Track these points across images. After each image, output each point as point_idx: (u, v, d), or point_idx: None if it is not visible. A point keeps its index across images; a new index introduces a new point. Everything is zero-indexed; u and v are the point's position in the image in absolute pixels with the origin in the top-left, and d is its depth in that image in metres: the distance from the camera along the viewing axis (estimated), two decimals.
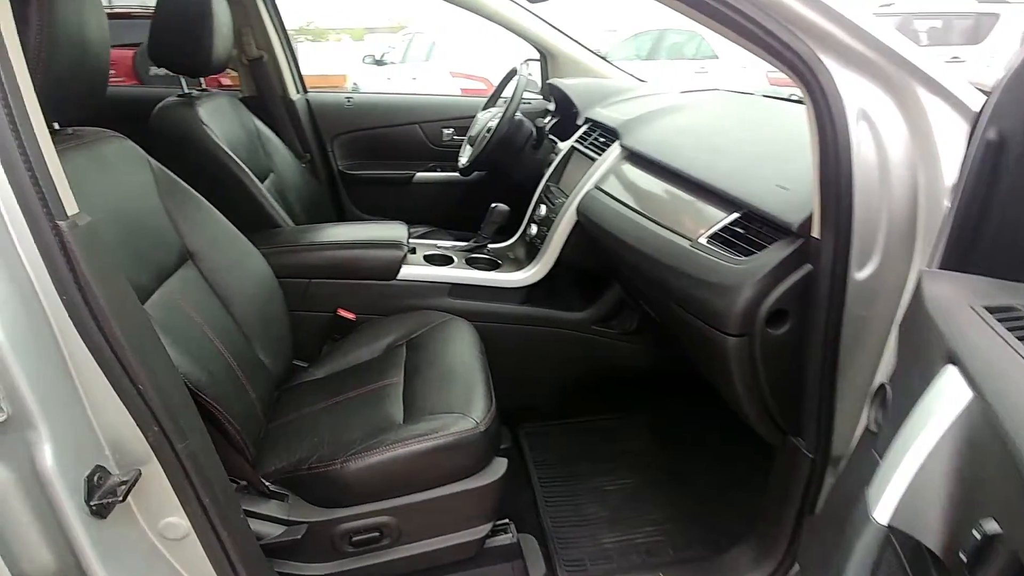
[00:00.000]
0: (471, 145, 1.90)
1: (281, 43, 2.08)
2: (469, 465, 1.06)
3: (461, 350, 1.30)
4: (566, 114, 2.03)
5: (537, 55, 2.27)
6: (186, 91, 1.60)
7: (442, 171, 2.29)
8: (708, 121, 1.38)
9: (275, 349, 1.30)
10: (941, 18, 6.93)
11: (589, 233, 1.44)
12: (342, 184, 2.26)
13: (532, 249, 1.60)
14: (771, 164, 1.05)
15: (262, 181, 1.71)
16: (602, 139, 1.52)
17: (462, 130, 2.26)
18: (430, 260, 1.57)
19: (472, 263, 1.60)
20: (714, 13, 0.76)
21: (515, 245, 1.71)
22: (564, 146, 1.74)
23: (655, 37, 7.12)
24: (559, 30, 2.13)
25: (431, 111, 2.26)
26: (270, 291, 1.34)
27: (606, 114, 1.58)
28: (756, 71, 5.95)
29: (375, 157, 2.28)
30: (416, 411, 1.11)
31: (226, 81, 2.98)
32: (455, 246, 1.67)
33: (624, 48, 7.36)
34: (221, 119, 1.62)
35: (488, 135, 1.80)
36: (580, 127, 1.72)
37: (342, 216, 2.28)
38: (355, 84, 8.15)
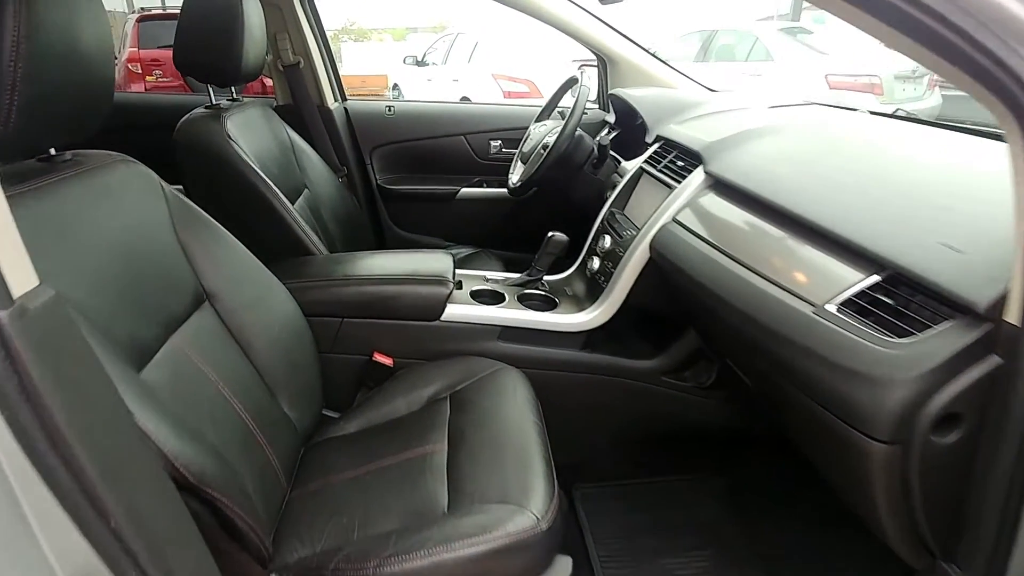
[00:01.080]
0: (523, 162, 1.71)
1: (319, 48, 1.93)
2: (527, 569, 0.87)
3: (514, 411, 1.11)
4: (628, 128, 1.83)
5: (593, 60, 2.08)
6: (214, 102, 1.46)
7: (488, 187, 2.11)
8: (817, 146, 1.16)
9: (302, 401, 1.14)
10: None
11: (664, 273, 1.24)
12: (381, 200, 2.10)
13: (594, 286, 1.40)
14: (923, 212, 0.83)
15: (296, 198, 1.57)
16: (679, 163, 1.31)
17: (511, 143, 2.08)
18: (478, 297, 1.38)
19: (525, 300, 1.41)
20: (898, 19, 0.55)
21: (573, 278, 1.51)
22: (630, 167, 1.54)
23: (705, 38, 6.81)
24: (622, 34, 1.92)
25: (478, 121, 2.08)
26: (297, 333, 1.18)
27: (684, 133, 1.36)
28: (813, 74, 5.62)
29: (417, 171, 2.11)
30: (463, 495, 0.93)
31: (270, 83, 2.86)
32: (506, 279, 1.48)
33: (673, 49, 7.08)
34: (251, 132, 1.47)
35: (544, 152, 1.60)
36: (649, 145, 1.51)
37: (380, 234, 2.12)
38: (396, 85, 8.10)
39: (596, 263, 1.41)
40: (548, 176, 1.58)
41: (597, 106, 2.12)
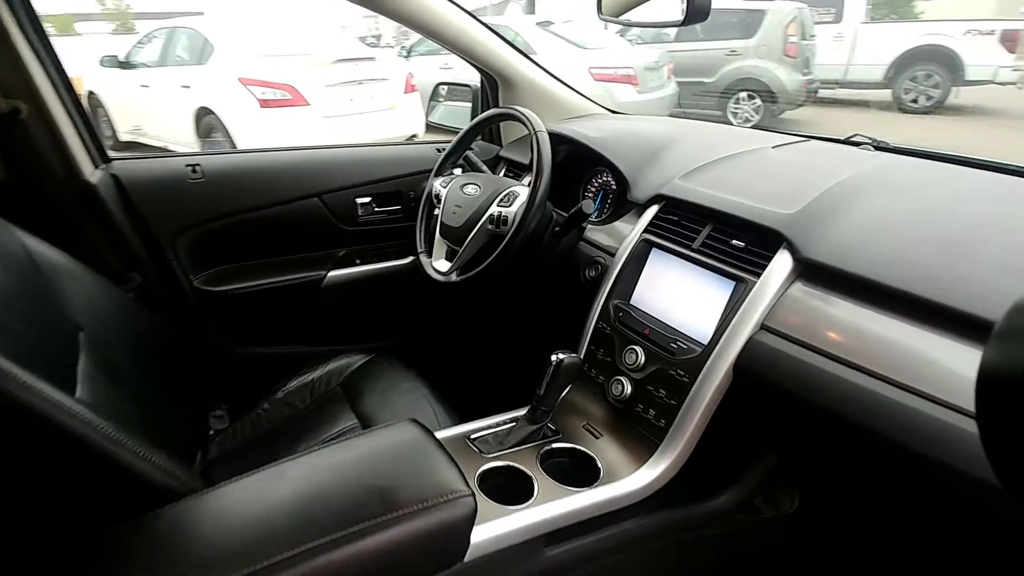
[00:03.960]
0: (450, 240, 1.20)
1: (54, 85, 1.12)
2: None
3: None
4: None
5: (472, 79, 1.64)
6: None
7: (365, 263, 1.52)
8: (921, 209, 0.90)
9: None
10: (712, 13, 7.53)
11: (748, 392, 0.90)
12: (201, 309, 1.36)
13: (631, 418, 1.00)
14: None
15: (72, 363, 0.85)
16: (734, 241, 0.96)
17: (384, 198, 1.52)
18: (490, 483, 0.88)
19: (548, 461, 0.94)
20: None
21: (579, 402, 1.07)
22: (623, 236, 1.14)
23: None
24: (517, 48, 1.50)
25: (332, 173, 1.46)
26: None
27: (718, 197, 1.00)
28: (576, 68, 5.79)
29: (253, 255, 1.41)
30: None
31: None
32: (498, 431, 0.99)
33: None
34: None
35: (494, 228, 1.13)
36: (643, 205, 1.13)
37: (212, 362, 1.39)
38: (91, 93, 6.31)
39: (627, 387, 1.00)
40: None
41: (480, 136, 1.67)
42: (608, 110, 1.68)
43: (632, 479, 0.92)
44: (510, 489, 0.89)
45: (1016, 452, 0.33)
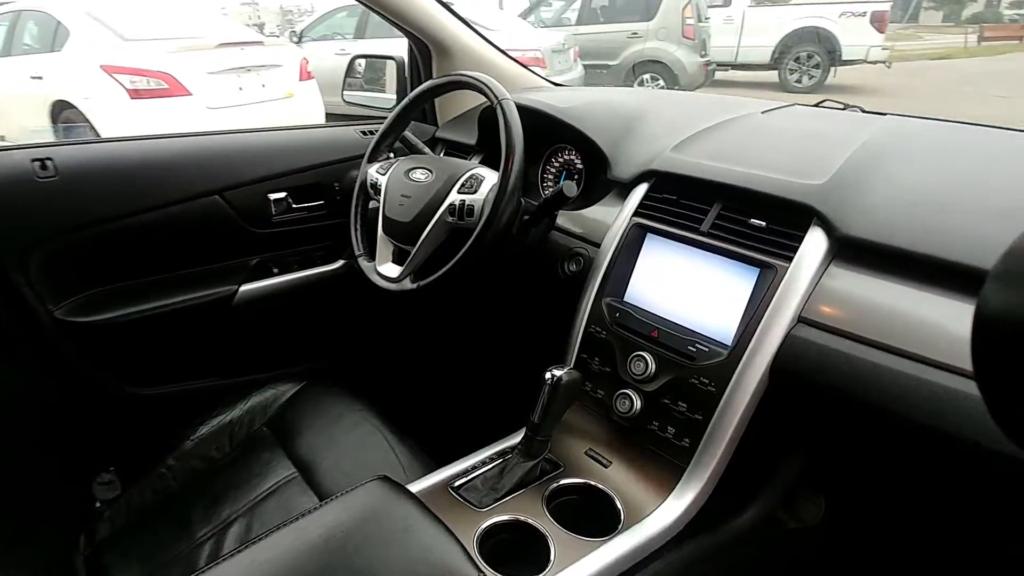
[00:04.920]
0: (401, 241, 0.97)
1: None
2: None
3: None
4: (495, 147, 1.24)
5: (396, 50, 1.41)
6: None
7: (285, 272, 1.25)
8: (950, 170, 0.79)
9: None
10: None
11: (797, 400, 0.77)
12: (65, 346, 1.04)
13: (644, 436, 0.83)
14: None
15: None
16: (751, 220, 0.80)
17: (304, 192, 1.26)
18: (491, 544, 0.68)
19: (554, 502, 0.76)
20: None
21: (580, 422, 0.90)
22: (604, 222, 0.97)
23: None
24: (456, 14, 1.29)
25: (233, 164, 1.17)
26: None
27: (733, 171, 0.84)
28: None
29: (136, 272, 1.11)
30: None
31: None
32: (486, 473, 0.80)
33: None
34: None
35: (460, 221, 0.92)
36: (628, 184, 0.96)
37: (94, 412, 1.08)
38: None
39: (637, 402, 0.83)
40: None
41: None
42: (552, 83, 1.51)
43: (659, 516, 0.76)
44: (518, 551, 0.70)
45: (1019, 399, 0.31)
